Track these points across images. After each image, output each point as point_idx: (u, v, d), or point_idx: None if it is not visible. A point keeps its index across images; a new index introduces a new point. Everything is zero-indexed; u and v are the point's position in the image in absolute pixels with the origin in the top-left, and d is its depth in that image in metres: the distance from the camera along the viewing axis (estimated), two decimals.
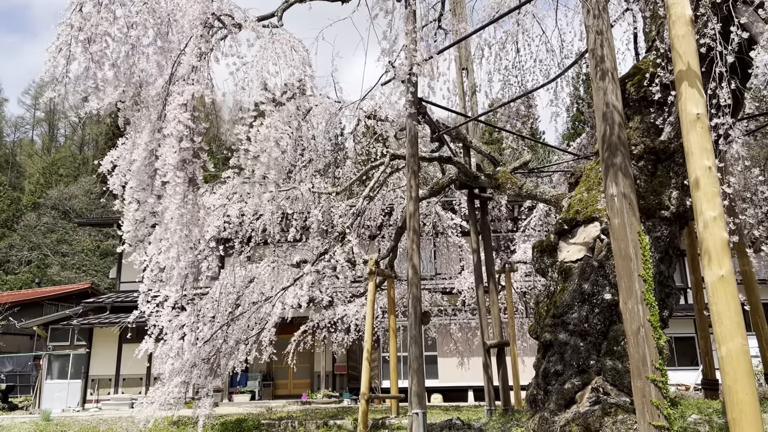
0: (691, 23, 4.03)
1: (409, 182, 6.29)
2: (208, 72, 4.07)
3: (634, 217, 3.84)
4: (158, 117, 4.09)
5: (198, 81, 3.87)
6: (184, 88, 3.82)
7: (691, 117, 3.81)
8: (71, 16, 4.06)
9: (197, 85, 3.83)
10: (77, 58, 3.99)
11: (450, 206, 12.95)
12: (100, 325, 19.55)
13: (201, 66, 3.92)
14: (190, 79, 3.84)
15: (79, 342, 21.10)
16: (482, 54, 8.94)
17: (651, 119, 5.54)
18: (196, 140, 3.95)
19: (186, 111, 3.81)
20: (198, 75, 3.91)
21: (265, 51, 4.19)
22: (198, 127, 3.93)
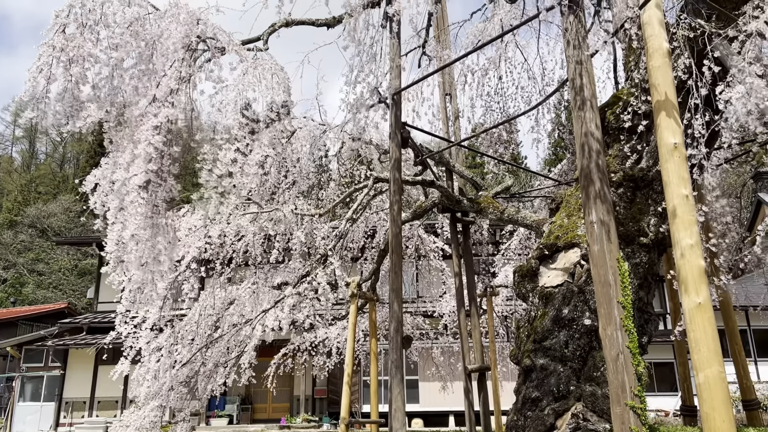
0: (668, 55, 4.14)
1: (391, 205, 6.31)
2: (190, 95, 4.06)
3: (614, 244, 3.89)
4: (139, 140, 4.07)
5: (175, 104, 3.86)
6: (160, 110, 3.81)
7: (669, 146, 3.90)
8: (54, 37, 4.05)
9: (173, 108, 3.82)
10: (58, 78, 3.97)
11: (432, 229, 12.99)
12: (75, 347, 19.19)
13: (180, 89, 3.92)
14: (167, 101, 3.84)
15: (54, 363, 20.66)
16: (465, 80, 9.07)
17: (630, 147, 5.64)
18: (165, 162, 3.93)
19: (159, 133, 3.79)
20: (176, 98, 3.90)
21: (246, 76, 4.21)
22: (169, 149, 3.91)
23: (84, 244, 26.05)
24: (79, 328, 19.98)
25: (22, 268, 40.27)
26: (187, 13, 4.09)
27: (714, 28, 4.65)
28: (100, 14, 4.08)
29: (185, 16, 4.08)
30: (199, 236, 8.06)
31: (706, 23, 4.72)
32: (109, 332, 8.90)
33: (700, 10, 4.98)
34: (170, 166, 3.99)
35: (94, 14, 4.08)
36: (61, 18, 4.12)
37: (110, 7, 4.10)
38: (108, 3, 4.10)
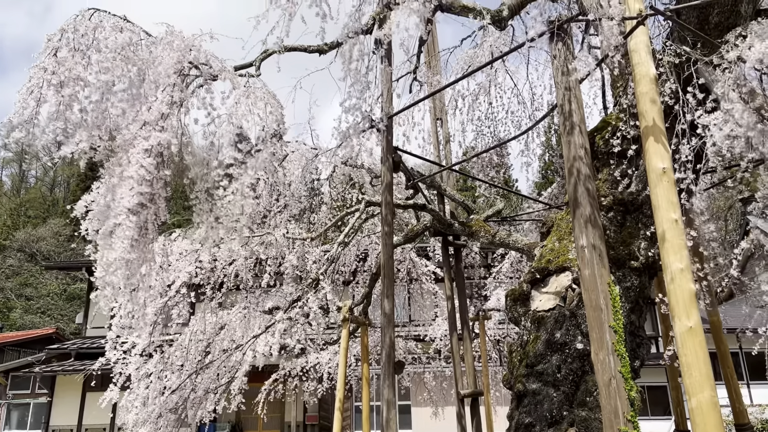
0: (655, 81, 4.20)
1: (383, 229, 6.32)
2: (181, 120, 4.08)
3: (604, 268, 3.91)
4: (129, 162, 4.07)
5: (166, 129, 3.87)
6: (151, 134, 3.82)
7: (657, 171, 3.93)
8: (45, 60, 4.07)
9: (164, 132, 3.83)
10: (48, 101, 3.98)
11: (424, 253, 13.00)
12: (63, 373, 18.90)
13: (171, 113, 3.93)
14: (158, 125, 3.85)
15: (41, 390, 20.33)
16: (456, 105, 9.17)
17: (619, 171, 5.69)
18: (156, 186, 3.93)
19: (150, 156, 3.79)
20: (167, 123, 3.91)
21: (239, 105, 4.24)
22: (160, 173, 3.91)
23: (73, 268, 25.83)
24: (67, 354, 19.70)
25: (9, 292, 39.82)
26: (180, 40, 4.13)
27: (699, 55, 4.74)
28: (92, 39, 4.10)
29: (179, 42, 4.11)
30: (190, 260, 8.02)
31: (691, 50, 4.81)
32: (97, 358, 8.79)
33: (685, 37, 5.08)
34: (161, 189, 3.98)
35: (86, 38, 4.11)
36: (53, 42, 4.14)
37: (102, 32, 4.13)
38: (100, 28, 4.13)
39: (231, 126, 4.16)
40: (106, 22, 4.20)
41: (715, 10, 5.41)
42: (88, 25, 4.15)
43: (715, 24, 5.45)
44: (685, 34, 5.04)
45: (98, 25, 4.14)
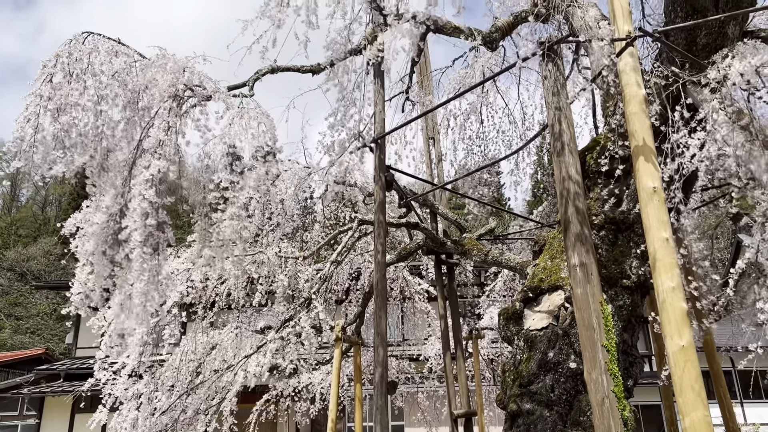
0: (644, 102, 4.25)
1: (376, 248, 6.31)
2: (176, 142, 4.09)
3: (596, 287, 3.91)
4: (123, 182, 4.08)
5: (164, 155, 3.89)
6: (151, 162, 3.83)
7: (648, 190, 3.96)
8: (41, 86, 4.08)
9: (163, 160, 3.85)
10: (46, 128, 4.00)
11: (417, 271, 12.99)
12: (52, 394, 18.64)
13: (168, 140, 3.95)
14: (157, 153, 3.87)
15: (29, 412, 20.03)
16: (448, 124, 9.23)
17: (610, 190, 5.72)
18: (162, 215, 3.94)
19: (152, 187, 3.81)
20: (165, 149, 3.93)
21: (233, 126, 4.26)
22: (163, 200, 3.92)
23: (64, 288, 25.58)
24: (56, 375, 19.45)
25: None
26: (174, 62, 4.16)
27: (688, 76, 4.80)
28: (87, 63, 4.13)
29: (172, 65, 4.14)
30: (182, 280, 7.98)
31: (680, 71, 4.87)
32: (87, 379, 8.68)
33: (673, 58, 5.15)
34: (166, 216, 4.00)
35: (80, 63, 4.13)
36: (48, 68, 4.16)
37: (97, 56, 4.15)
38: (95, 53, 4.15)
39: (225, 146, 4.18)
40: (101, 46, 4.23)
41: (703, 32, 5.49)
42: (83, 49, 4.17)
43: (703, 45, 5.53)
44: (674, 55, 5.11)
45: (93, 49, 4.16)
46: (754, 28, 6.55)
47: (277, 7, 4.01)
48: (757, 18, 7.04)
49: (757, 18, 7.04)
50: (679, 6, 5.57)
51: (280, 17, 4.02)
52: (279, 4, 4.02)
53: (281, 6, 4.04)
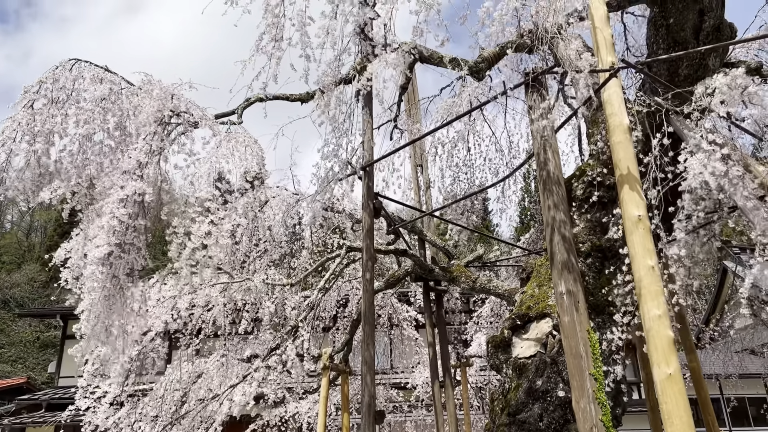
0: (629, 131, 4.31)
1: (364, 276, 6.29)
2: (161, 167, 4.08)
3: (584, 315, 3.92)
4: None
5: (144, 177, 3.87)
6: (128, 183, 3.82)
7: (633, 219, 4.00)
8: (20, 112, 4.07)
9: (141, 182, 3.83)
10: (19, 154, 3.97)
11: (405, 298, 12.95)
12: (33, 425, 18.21)
13: (150, 162, 3.94)
14: (136, 174, 3.85)
15: None
16: (436, 152, 9.31)
17: (596, 218, 5.77)
18: (129, 236, 3.90)
19: (125, 206, 3.78)
20: (145, 171, 3.92)
21: (219, 149, 4.27)
22: (134, 222, 3.89)
23: (47, 316, 25.17)
24: (37, 405, 19.04)
25: None
26: (160, 89, 4.17)
27: (670, 106, 4.89)
28: (72, 90, 4.13)
29: (158, 91, 4.15)
30: (167, 308, 7.89)
31: (663, 101, 4.96)
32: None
33: (656, 88, 5.25)
34: (134, 238, 3.95)
35: (65, 90, 4.13)
36: (30, 93, 4.16)
37: (82, 83, 4.16)
38: (80, 79, 4.17)
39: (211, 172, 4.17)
40: (87, 73, 4.24)
41: (685, 63, 5.61)
42: (68, 76, 4.18)
43: (684, 76, 5.65)
44: (657, 86, 5.20)
45: (78, 76, 4.17)
46: (734, 60, 6.72)
47: (271, 42, 4.06)
48: (737, 50, 7.22)
49: (737, 50, 7.21)
50: (660, 38, 5.71)
51: (273, 53, 4.07)
52: (273, 39, 4.07)
53: (275, 41, 4.08)
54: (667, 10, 5.53)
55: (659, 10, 5.65)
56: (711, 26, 5.49)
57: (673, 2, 5.44)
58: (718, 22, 5.55)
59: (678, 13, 5.45)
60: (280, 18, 4.12)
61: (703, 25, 5.47)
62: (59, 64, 4.33)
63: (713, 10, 5.41)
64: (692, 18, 5.44)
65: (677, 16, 5.44)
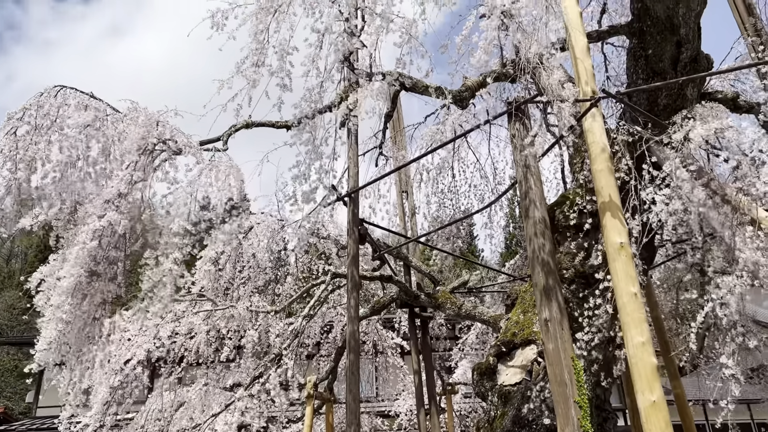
0: (610, 159, 4.38)
1: (348, 303, 6.26)
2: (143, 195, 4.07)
3: (568, 342, 3.92)
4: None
5: (121, 209, 3.85)
6: (106, 212, 3.80)
7: (615, 246, 4.03)
8: (3, 138, 4.05)
9: (118, 212, 3.81)
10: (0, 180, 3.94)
11: (390, 324, 12.86)
12: None
13: (130, 192, 3.92)
14: (114, 204, 3.83)
15: None
16: (421, 178, 9.38)
17: (579, 244, 5.81)
18: (101, 267, 3.86)
19: (99, 237, 3.75)
20: (123, 201, 3.90)
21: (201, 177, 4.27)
22: (106, 253, 3.86)
23: (26, 344, 24.64)
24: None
25: None
26: (145, 116, 4.18)
27: (650, 135, 4.97)
28: (56, 116, 4.12)
29: (143, 118, 4.16)
30: (149, 336, 7.78)
31: (643, 129, 5.05)
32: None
33: (636, 118, 5.34)
34: (106, 269, 3.91)
35: (50, 117, 4.12)
36: (13, 120, 4.15)
37: (67, 110, 4.16)
38: (64, 106, 4.16)
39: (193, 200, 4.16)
40: (72, 100, 4.24)
41: (663, 93, 5.74)
42: (53, 102, 4.18)
43: (663, 106, 5.76)
44: (636, 115, 5.30)
45: (62, 103, 4.17)
46: (711, 90, 6.87)
47: (252, 68, 4.09)
48: (714, 80, 7.39)
49: (714, 80, 7.38)
50: (640, 68, 5.83)
51: (255, 78, 4.10)
52: (254, 65, 4.10)
53: (256, 66, 4.12)
54: (646, 42, 5.66)
55: (638, 41, 5.79)
56: (688, 57, 5.62)
57: (651, 34, 5.58)
58: (695, 54, 5.69)
59: (656, 44, 5.58)
60: (263, 44, 4.16)
61: (681, 56, 5.60)
62: (44, 90, 4.32)
63: (690, 41, 5.55)
64: (670, 49, 5.57)
65: (655, 47, 5.58)
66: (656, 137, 4.86)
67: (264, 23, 4.07)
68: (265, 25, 4.07)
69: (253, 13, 4.09)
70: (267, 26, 4.09)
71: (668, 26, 5.41)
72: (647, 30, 5.60)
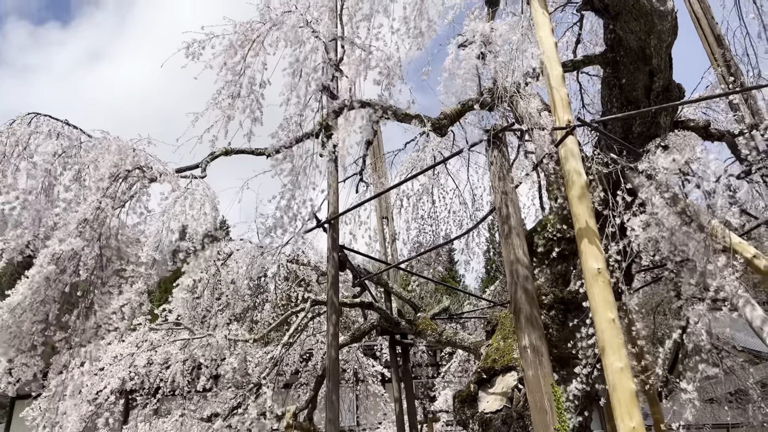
0: (586, 186, 4.44)
1: (329, 330, 6.20)
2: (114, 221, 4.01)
3: (547, 369, 3.92)
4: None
5: (82, 234, 3.79)
6: (68, 238, 3.74)
7: (593, 272, 4.07)
8: None
9: (80, 239, 3.75)
10: None
11: (371, 352, 12.75)
12: None
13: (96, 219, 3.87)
14: (78, 230, 3.78)
15: None
16: (401, 204, 9.41)
17: (559, 270, 5.85)
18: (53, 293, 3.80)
19: (51, 263, 3.69)
20: (86, 229, 3.84)
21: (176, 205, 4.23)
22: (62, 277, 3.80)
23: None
24: None
25: None
26: (117, 146, 4.15)
27: (625, 162, 5.06)
28: (26, 144, 4.08)
29: (116, 147, 4.13)
30: (124, 365, 7.61)
31: (618, 157, 5.14)
32: None
33: (612, 146, 5.44)
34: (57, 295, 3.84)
35: (21, 143, 4.07)
36: None
37: (37, 138, 4.11)
38: (36, 134, 4.12)
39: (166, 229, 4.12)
40: (45, 127, 4.20)
41: (638, 121, 5.85)
42: (26, 130, 4.14)
43: (638, 133, 5.88)
44: (612, 143, 5.39)
45: (34, 131, 4.13)
46: (684, 118, 7.04)
47: (227, 99, 4.11)
48: (686, 109, 7.57)
49: (687, 109, 7.56)
50: (614, 97, 5.96)
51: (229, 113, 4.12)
52: (229, 96, 4.11)
53: (231, 98, 4.13)
54: (619, 71, 5.79)
55: (612, 70, 5.92)
56: (661, 86, 5.76)
57: (625, 64, 5.71)
58: (668, 83, 5.83)
59: (629, 74, 5.71)
60: (239, 75, 4.18)
61: (654, 86, 5.74)
62: (17, 117, 4.28)
63: (662, 71, 5.69)
64: (643, 79, 5.70)
65: (629, 76, 5.71)
66: (631, 164, 4.94)
67: (241, 53, 4.10)
68: (243, 55, 4.10)
69: (230, 44, 4.12)
70: (244, 55, 4.11)
71: (641, 56, 5.55)
72: (621, 60, 5.74)
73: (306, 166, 5.38)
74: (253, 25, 4.41)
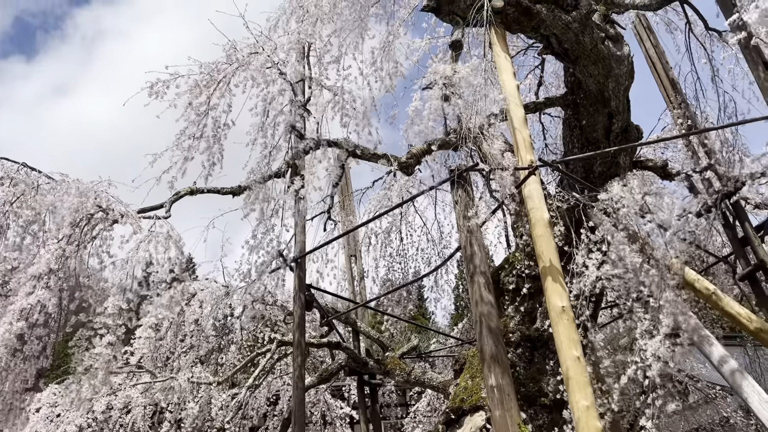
0: (549, 224, 4.51)
1: (294, 371, 6.10)
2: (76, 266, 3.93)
3: (514, 409, 3.91)
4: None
5: (48, 285, 3.72)
6: (35, 290, 3.66)
7: (557, 309, 4.10)
8: None
9: (45, 290, 3.66)
10: None
11: (340, 393, 12.52)
12: None
13: (60, 267, 3.79)
14: (43, 281, 3.70)
15: None
16: (369, 242, 9.42)
17: (525, 308, 5.88)
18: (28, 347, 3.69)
19: (21, 319, 3.60)
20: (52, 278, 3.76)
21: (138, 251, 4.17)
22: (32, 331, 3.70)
23: None
24: None
25: None
26: (76, 188, 4.09)
27: (587, 201, 5.17)
28: None
29: (75, 190, 4.07)
30: (82, 411, 7.33)
31: (580, 196, 5.25)
32: None
33: (573, 185, 5.56)
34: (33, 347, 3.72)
35: None
36: None
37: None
38: None
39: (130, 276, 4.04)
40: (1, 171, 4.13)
41: (598, 161, 6.01)
42: None
43: (599, 173, 6.03)
44: (573, 183, 5.52)
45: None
46: (643, 158, 7.25)
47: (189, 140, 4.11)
48: (645, 149, 7.81)
49: (645, 149, 7.81)
50: (575, 137, 6.12)
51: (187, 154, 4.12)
52: (191, 137, 4.12)
53: (193, 139, 4.14)
54: (580, 113, 5.97)
55: (573, 112, 6.10)
56: (620, 128, 5.95)
57: (585, 106, 5.90)
58: (626, 124, 6.02)
59: (589, 115, 5.89)
60: (203, 116, 4.19)
61: (613, 127, 5.92)
62: None
63: (621, 113, 5.89)
64: (602, 120, 5.89)
65: (588, 118, 5.88)
66: (592, 203, 5.06)
67: (206, 93, 4.12)
68: (208, 95, 4.12)
69: (195, 84, 4.14)
70: (209, 95, 4.13)
71: (600, 99, 5.74)
72: (581, 102, 5.92)
73: (272, 206, 5.37)
74: (219, 65, 4.45)
